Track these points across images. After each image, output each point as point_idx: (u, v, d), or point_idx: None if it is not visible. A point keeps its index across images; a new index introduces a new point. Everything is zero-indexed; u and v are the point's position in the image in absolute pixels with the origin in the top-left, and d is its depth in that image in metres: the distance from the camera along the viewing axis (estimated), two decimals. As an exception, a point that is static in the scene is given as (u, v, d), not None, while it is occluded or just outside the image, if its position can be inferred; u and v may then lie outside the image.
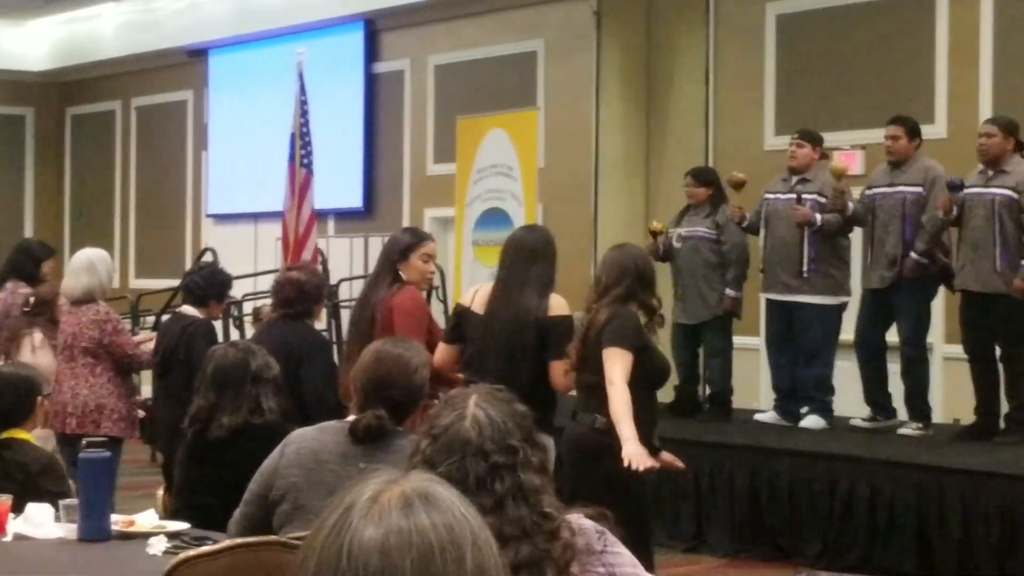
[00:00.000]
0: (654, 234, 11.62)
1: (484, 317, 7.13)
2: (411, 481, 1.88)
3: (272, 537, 4.59)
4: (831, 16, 13.37)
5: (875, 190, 10.60)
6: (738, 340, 11.81)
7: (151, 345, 9.02)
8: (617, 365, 6.56)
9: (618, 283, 6.76)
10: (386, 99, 17.66)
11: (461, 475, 3.05)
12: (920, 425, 10.41)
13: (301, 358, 7.65)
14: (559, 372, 6.93)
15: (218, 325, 13.00)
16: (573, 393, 7.06)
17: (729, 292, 11.28)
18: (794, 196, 10.81)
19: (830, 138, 11.87)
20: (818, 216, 10.66)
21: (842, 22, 13.28)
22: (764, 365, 11.86)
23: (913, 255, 10.26)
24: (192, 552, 4.43)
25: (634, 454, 6.29)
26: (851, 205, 10.61)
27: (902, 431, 10.43)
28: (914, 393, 10.52)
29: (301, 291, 7.96)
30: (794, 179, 10.95)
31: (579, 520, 3.22)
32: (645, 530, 6.86)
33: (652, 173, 14.80)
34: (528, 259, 7.18)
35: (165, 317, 12.83)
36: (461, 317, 7.30)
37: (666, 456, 7.03)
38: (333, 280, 14.84)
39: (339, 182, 17.37)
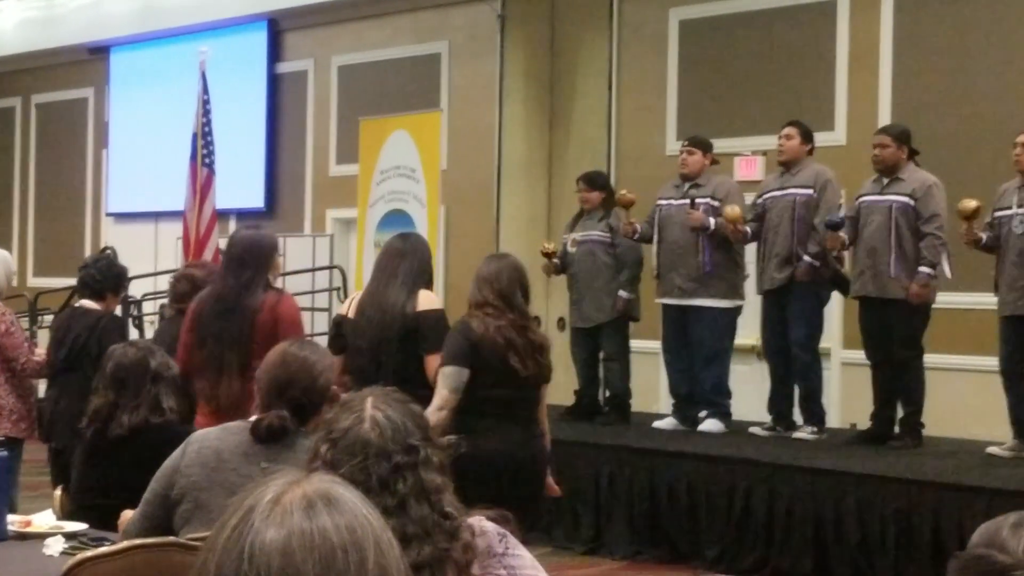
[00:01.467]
0: (547, 255, 11.68)
1: (354, 320, 7.10)
2: (313, 483, 1.88)
3: (171, 538, 4.56)
4: (734, 22, 13.47)
5: (767, 194, 10.70)
6: (637, 344, 11.86)
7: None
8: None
9: (514, 295, 6.73)
10: (289, 99, 17.60)
11: (363, 477, 3.05)
12: (814, 429, 10.51)
13: None
14: (432, 365, 6.81)
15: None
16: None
17: (622, 294, 11.33)
18: (687, 201, 10.88)
19: (731, 144, 11.97)
20: (711, 220, 10.74)
21: (745, 29, 13.38)
22: (663, 369, 11.93)
23: (806, 258, 10.36)
24: (90, 553, 4.40)
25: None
26: (748, 230, 10.68)
27: (796, 435, 10.52)
28: (807, 396, 10.62)
29: (195, 287, 7.87)
30: (686, 185, 11.03)
31: (480, 522, 3.23)
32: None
33: (554, 176, 14.85)
34: (394, 259, 7.16)
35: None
36: (340, 326, 7.24)
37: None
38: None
39: (241, 182, 17.29)
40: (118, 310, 10.28)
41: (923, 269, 9.88)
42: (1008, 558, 2.35)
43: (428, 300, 7.05)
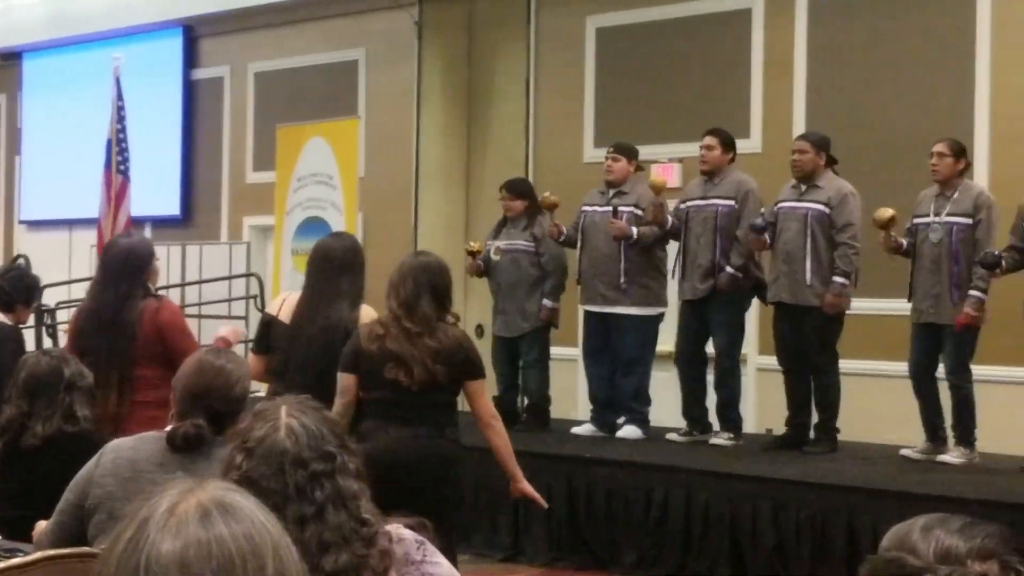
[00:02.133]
0: (472, 254, 11.68)
1: (291, 328, 7.02)
2: (208, 491, 1.84)
3: (84, 548, 4.53)
4: (650, 30, 13.53)
5: (689, 203, 10.75)
6: (556, 351, 11.89)
7: None
8: (486, 397, 6.87)
9: (419, 299, 6.59)
10: (205, 106, 17.52)
11: (280, 485, 3.05)
12: (731, 435, 10.58)
13: None
14: None
15: (31, 333, 12.80)
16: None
17: (546, 302, 11.35)
18: (611, 209, 10.91)
19: (649, 151, 12.01)
20: (634, 229, 10.78)
21: (661, 36, 13.45)
22: (582, 375, 11.96)
23: (728, 268, 10.43)
24: (2, 564, 4.36)
25: (530, 491, 7.09)
26: (670, 219, 10.75)
27: (713, 441, 10.59)
28: (725, 404, 10.69)
29: None
30: (611, 192, 11.06)
31: (398, 529, 3.23)
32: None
33: (472, 183, 14.85)
34: (337, 269, 7.07)
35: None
36: (268, 327, 7.17)
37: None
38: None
39: (156, 189, 17.18)
40: (31, 320, 10.18)
41: (837, 279, 9.97)
42: (919, 561, 2.38)
43: (370, 316, 6.98)
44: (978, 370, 9.76)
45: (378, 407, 6.59)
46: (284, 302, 7.23)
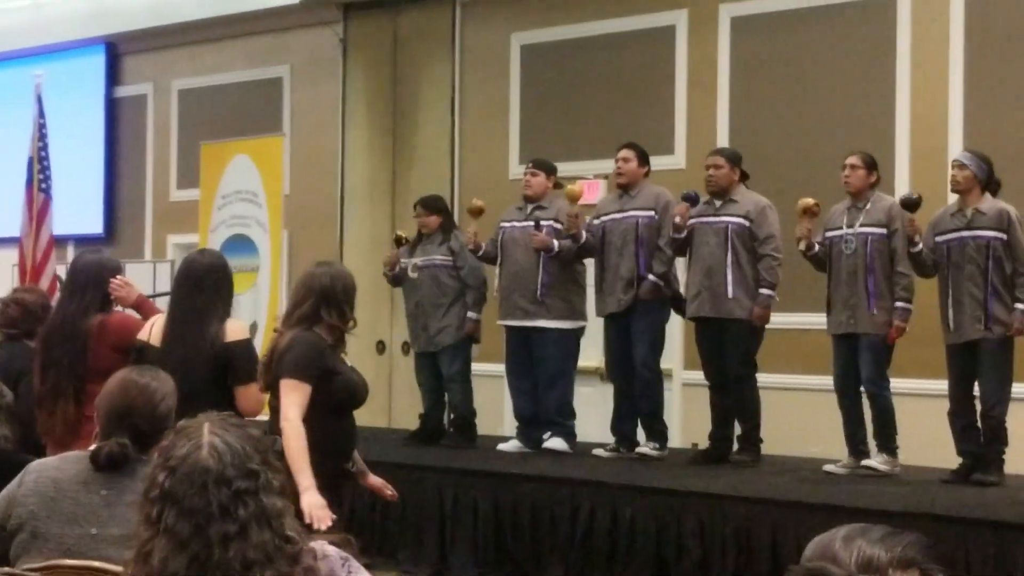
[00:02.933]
0: (399, 241, 11.68)
1: (160, 351, 6.81)
2: None
3: (6, 569, 4.50)
4: (574, 47, 13.59)
5: (605, 218, 10.79)
6: (481, 367, 11.89)
7: None
8: (292, 399, 6.41)
9: (302, 303, 6.54)
10: (128, 123, 17.43)
11: (203, 504, 3.03)
12: (656, 445, 10.62)
13: (19, 378, 7.44)
14: (245, 397, 6.71)
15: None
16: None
17: (471, 315, 11.37)
18: (531, 223, 10.94)
19: (574, 167, 12.06)
20: (555, 242, 10.82)
21: (586, 53, 13.50)
22: (507, 392, 11.97)
23: (651, 277, 10.48)
24: (-76, 585, 4.33)
25: (315, 506, 6.10)
26: (584, 232, 10.78)
27: (640, 450, 10.63)
28: (650, 414, 10.73)
29: (26, 311, 7.80)
30: (529, 207, 11.09)
31: (323, 546, 3.23)
32: None
33: (398, 200, 14.84)
34: (197, 287, 6.88)
35: None
36: (141, 352, 6.89)
37: (375, 481, 6.94)
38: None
39: (79, 207, 17.07)
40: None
41: (764, 291, 10.06)
42: (840, 570, 2.40)
43: (236, 330, 6.86)
44: (897, 383, 9.85)
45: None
46: (154, 325, 7.01)
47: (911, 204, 9.47)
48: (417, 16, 14.75)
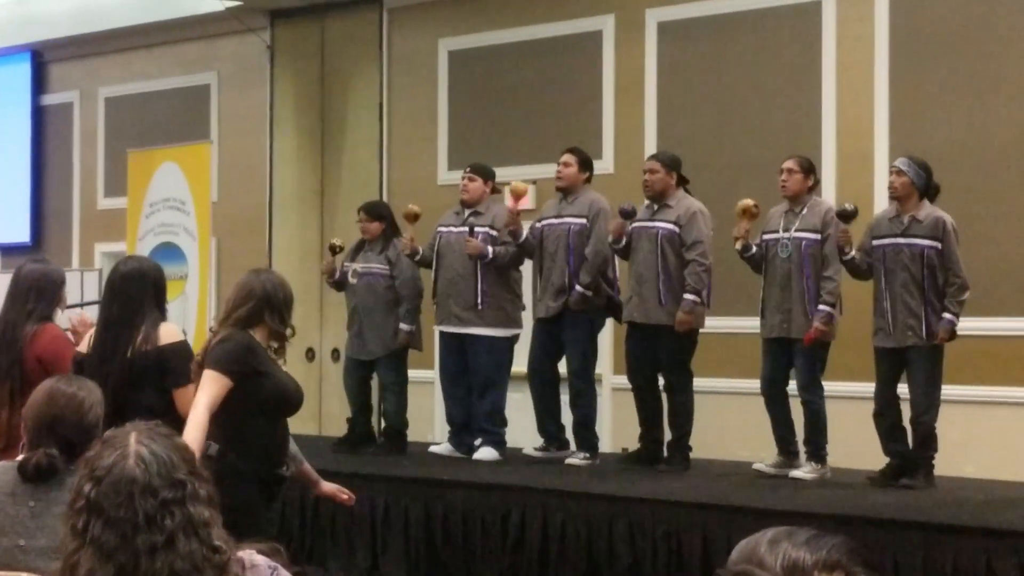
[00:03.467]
0: (333, 249, 11.61)
1: (92, 359, 6.83)
2: None
3: (-66, 581, 4.47)
4: (502, 52, 13.61)
5: (544, 222, 10.80)
6: (413, 373, 11.87)
7: None
8: (206, 389, 6.35)
9: (241, 305, 6.52)
10: (55, 131, 17.32)
11: (130, 514, 3.01)
12: (587, 455, 10.61)
13: None
14: (182, 399, 6.68)
15: None
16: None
17: (403, 326, 11.33)
18: (466, 229, 10.93)
19: (502, 173, 12.05)
20: (490, 248, 10.81)
21: (513, 59, 13.52)
22: (439, 398, 11.96)
23: (578, 287, 10.48)
24: None
25: None
26: (524, 232, 10.78)
27: (570, 461, 10.62)
28: (581, 424, 10.72)
29: None
30: (466, 212, 11.08)
31: (251, 555, 3.21)
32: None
33: (327, 206, 14.82)
34: (125, 292, 6.88)
35: None
36: (80, 365, 6.88)
37: (328, 487, 6.99)
38: (-1, 316, 14.46)
39: (5, 216, 16.97)
40: None
41: (688, 296, 10.07)
42: (766, 574, 2.42)
43: (170, 333, 6.87)
44: (827, 386, 9.90)
45: None
46: (90, 337, 7.00)
47: (846, 216, 9.50)
48: (344, 22, 14.72)
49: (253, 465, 6.38)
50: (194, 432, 6.14)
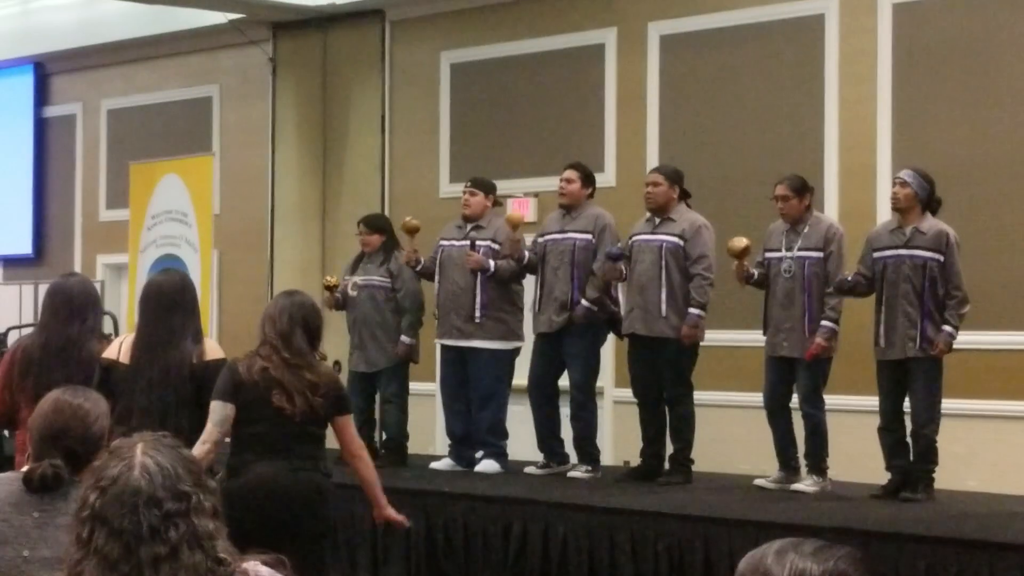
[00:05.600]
0: (329, 288, 11.63)
1: (131, 371, 6.96)
2: None
3: (-64, 592, 4.46)
4: (504, 65, 13.61)
5: (547, 236, 10.79)
6: (414, 386, 11.87)
7: None
8: (355, 431, 7.06)
9: (292, 334, 6.76)
10: (57, 143, 17.33)
11: (134, 525, 3.01)
12: (589, 468, 10.61)
13: None
14: None
15: None
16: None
17: (404, 339, 11.33)
18: (468, 242, 10.93)
19: (504, 186, 12.07)
20: (491, 262, 10.81)
21: (515, 71, 13.53)
22: (440, 410, 11.96)
23: (584, 302, 10.48)
24: None
25: (397, 518, 7.28)
26: (527, 253, 10.79)
27: (572, 474, 10.62)
28: (583, 437, 10.72)
29: None
30: (468, 226, 11.08)
31: (256, 567, 3.21)
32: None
33: (328, 219, 14.82)
34: (168, 308, 7.02)
35: None
36: (108, 371, 7.05)
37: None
38: (1, 328, 14.47)
39: (7, 228, 16.97)
40: None
41: (693, 310, 10.06)
42: (773, 585, 2.42)
43: (214, 350, 7.03)
44: (828, 399, 9.89)
45: (253, 440, 6.72)
46: (122, 344, 7.13)
47: (843, 290, 9.58)
48: (346, 35, 14.74)
49: None
50: (376, 474, 7.24)
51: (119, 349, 7.12)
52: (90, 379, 7.04)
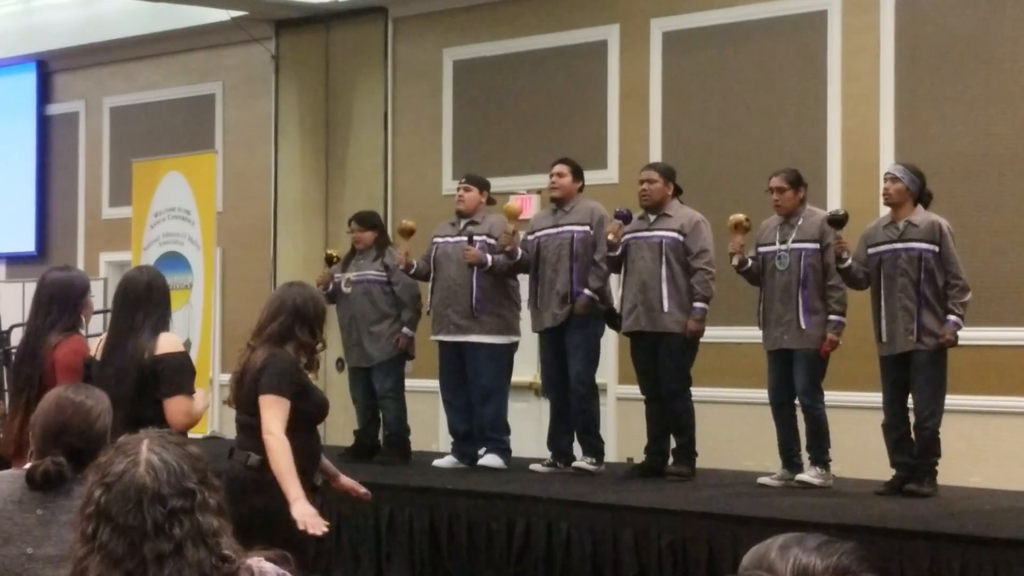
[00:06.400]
0: (329, 260, 11.64)
1: (99, 364, 6.95)
2: None
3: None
4: (507, 62, 13.61)
5: (539, 233, 10.80)
6: (416, 383, 11.88)
7: None
8: (275, 415, 6.51)
9: (273, 320, 6.66)
10: (60, 141, 17.34)
11: (138, 522, 3.01)
12: (593, 460, 10.62)
13: None
14: (171, 409, 6.77)
15: None
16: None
17: (405, 331, 11.36)
18: (464, 238, 10.94)
19: (506, 183, 12.08)
20: (488, 257, 10.81)
21: (518, 68, 13.53)
22: (442, 408, 11.96)
23: (587, 292, 10.49)
24: None
25: (307, 515, 6.31)
26: (520, 250, 10.80)
27: (576, 465, 10.63)
28: (585, 428, 10.73)
29: None
30: (462, 222, 11.09)
31: (260, 563, 3.21)
32: (305, 559, 6.90)
33: (331, 216, 14.82)
34: (133, 303, 6.96)
35: None
36: (88, 367, 7.02)
37: (346, 481, 7.10)
38: (4, 326, 14.48)
39: (10, 225, 16.98)
40: None
41: (698, 304, 10.09)
42: (777, 580, 2.42)
43: (168, 343, 6.92)
44: (830, 395, 9.90)
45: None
46: (101, 341, 7.14)
47: (837, 221, 9.53)
48: (349, 32, 14.74)
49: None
50: (284, 455, 6.42)
51: (97, 346, 7.12)
52: (36, 375, 7.06)
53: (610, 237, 10.33)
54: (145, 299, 6.98)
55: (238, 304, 14.94)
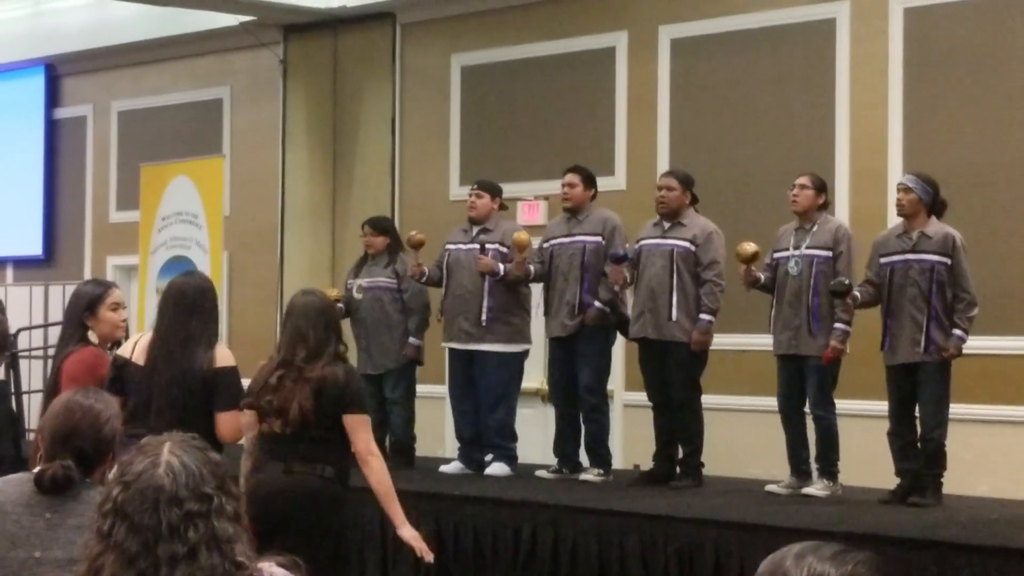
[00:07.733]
0: (337, 300, 11.66)
1: (145, 370, 7.00)
2: None
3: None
4: (515, 68, 13.62)
5: (553, 241, 10.79)
6: (423, 388, 11.88)
7: None
8: (371, 435, 7.05)
9: (326, 334, 6.93)
10: (67, 145, 17.35)
11: (154, 522, 3.02)
12: (600, 471, 10.61)
13: None
14: (226, 423, 6.94)
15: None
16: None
17: (412, 340, 11.35)
18: (477, 246, 10.92)
19: (514, 189, 12.07)
20: (501, 266, 10.80)
21: (526, 74, 13.53)
22: (449, 413, 11.96)
23: (597, 304, 10.48)
24: None
25: (416, 539, 7.13)
26: (532, 269, 10.77)
27: (583, 477, 10.62)
28: (594, 439, 10.72)
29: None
30: (475, 229, 11.07)
31: (271, 568, 3.22)
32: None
33: (338, 221, 14.82)
34: (188, 311, 7.03)
35: None
36: (121, 369, 7.09)
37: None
38: (12, 329, 14.48)
39: (18, 229, 17.00)
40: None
41: (704, 316, 10.08)
42: (792, 587, 2.43)
43: (224, 357, 7.04)
44: (837, 404, 9.89)
45: (263, 441, 6.94)
46: (137, 344, 7.16)
47: (839, 294, 9.50)
48: (357, 37, 14.75)
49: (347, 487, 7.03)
50: (389, 480, 7.17)
51: (132, 348, 7.14)
52: (54, 383, 7.20)
53: (615, 288, 10.38)
54: (199, 307, 7.08)
55: (245, 308, 14.96)
